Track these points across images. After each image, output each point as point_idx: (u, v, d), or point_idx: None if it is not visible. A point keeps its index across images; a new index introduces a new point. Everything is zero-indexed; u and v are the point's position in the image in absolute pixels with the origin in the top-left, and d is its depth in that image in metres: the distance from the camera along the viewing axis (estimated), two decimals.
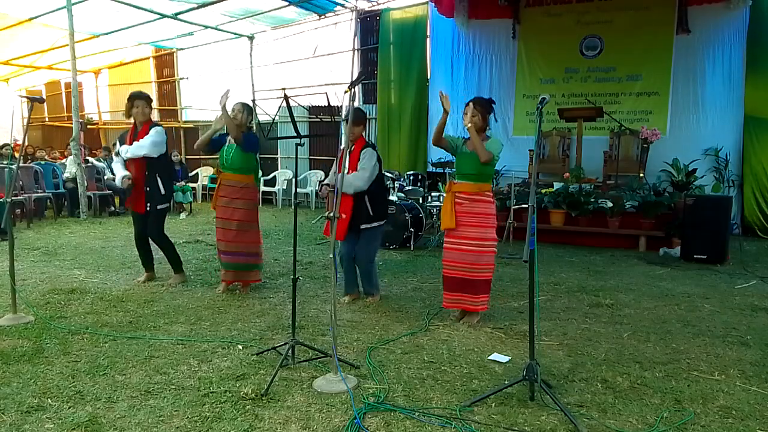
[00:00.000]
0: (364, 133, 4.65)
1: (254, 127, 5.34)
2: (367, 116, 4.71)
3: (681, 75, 9.14)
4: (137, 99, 4.95)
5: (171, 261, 5.21)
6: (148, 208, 4.96)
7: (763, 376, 3.20)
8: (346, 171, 4.32)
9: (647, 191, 7.91)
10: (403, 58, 11.20)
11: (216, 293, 4.84)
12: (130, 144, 4.89)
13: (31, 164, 9.60)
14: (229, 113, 4.67)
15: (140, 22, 11.45)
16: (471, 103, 4.03)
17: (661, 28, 9.17)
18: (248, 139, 4.74)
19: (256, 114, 5.35)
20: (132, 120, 5.03)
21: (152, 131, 4.89)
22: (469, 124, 3.94)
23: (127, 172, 4.96)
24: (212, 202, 4.99)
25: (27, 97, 6.93)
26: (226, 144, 4.82)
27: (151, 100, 5.14)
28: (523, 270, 5.39)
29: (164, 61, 15.00)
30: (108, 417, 2.59)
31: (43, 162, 10.20)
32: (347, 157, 4.44)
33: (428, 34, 11.02)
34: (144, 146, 4.84)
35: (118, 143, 5.07)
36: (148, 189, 4.92)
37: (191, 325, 3.99)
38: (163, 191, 4.99)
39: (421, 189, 7.96)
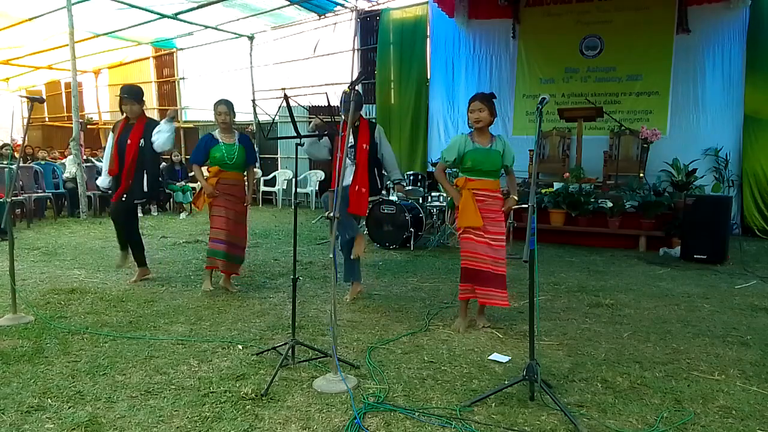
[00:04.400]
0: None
1: (254, 127, 5.38)
2: (363, 105, 4.79)
3: (681, 75, 9.13)
4: (126, 97, 4.93)
5: (135, 252, 5.25)
6: (124, 198, 4.94)
7: (763, 376, 3.20)
8: (353, 144, 4.49)
9: (647, 191, 7.91)
10: (403, 58, 11.19)
11: (217, 294, 4.84)
12: (119, 136, 4.90)
13: (31, 164, 9.60)
14: (217, 115, 4.80)
15: (140, 22, 11.45)
16: (477, 100, 3.90)
17: (661, 28, 9.16)
18: (248, 144, 4.91)
19: (256, 114, 5.38)
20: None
21: (166, 123, 4.90)
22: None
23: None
24: (201, 198, 4.85)
25: (27, 97, 6.94)
26: (220, 142, 4.80)
27: (140, 96, 5.03)
28: (523, 270, 5.37)
29: (164, 61, 15.00)
30: (108, 417, 2.59)
31: (43, 162, 10.20)
32: (350, 134, 4.46)
33: (428, 34, 11.01)
34: (168, 139, 4.89)
35: (111, 133, 5.04)
36: (131, 182, 4.91)
37: (191, 325, 3.99)
38: (145, 188, 5.00)
39: (421, 189, 7.96)
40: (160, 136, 4.83)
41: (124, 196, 4.94)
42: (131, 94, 4.96)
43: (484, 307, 4.11)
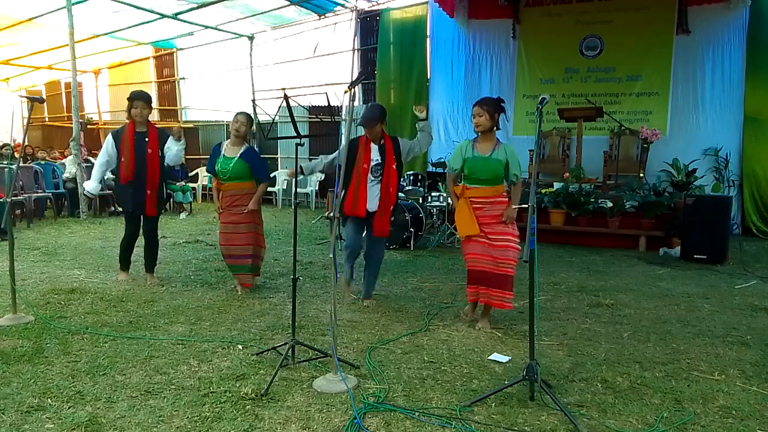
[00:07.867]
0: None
1: (254, 128, 5.36)
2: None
3: (681, 75, 9.14)
4: (137, 99, 4.91)
5: (153, 260, 5.23)
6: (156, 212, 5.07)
7: (763, 376, 3.20)
8: (380, 162, 4.53)
9: (647, 191, 7.91)
10: (403, 58, 11.19)
11: (217, 294, 4.84)
12: (132, 142, 4.85)
13: (31, 164, 9.60)
14: (234, 122, 4.77)
15: (140, 22, 11.45)
16: (476, 105, 3.91)
17: (661, 28, 9.17)
18: (253, 159, 4.82)
19: (256, 114, 5.36)
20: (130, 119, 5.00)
21: (175, 143, 4.94)
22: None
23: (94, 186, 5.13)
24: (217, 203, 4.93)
25: (27, 97, 6.95)
26: (221, 155, 4.78)
27: (151, 101, 5.10)
28: (523, 270, 5.38)
29: (164, 61, 15.00)
30: (108, 417, 2.58)
31: (43, 162, 10.19)
32: (377, 151, 4.56)
33: (428, 34, 11.02)
34: (177, 153, 4.95)
35: (112, 140, 4.95)
36: (156, 192, 4.97)
37: (191, 325, 3.99)
38: (164, 195, 5.17)
39: (421, 189, 7.96)
40: (170, 153, 4.89)
41: (156, 210, 5.03)
42: (145, 98, 4.97)
43: (489, 310, 4.07)
